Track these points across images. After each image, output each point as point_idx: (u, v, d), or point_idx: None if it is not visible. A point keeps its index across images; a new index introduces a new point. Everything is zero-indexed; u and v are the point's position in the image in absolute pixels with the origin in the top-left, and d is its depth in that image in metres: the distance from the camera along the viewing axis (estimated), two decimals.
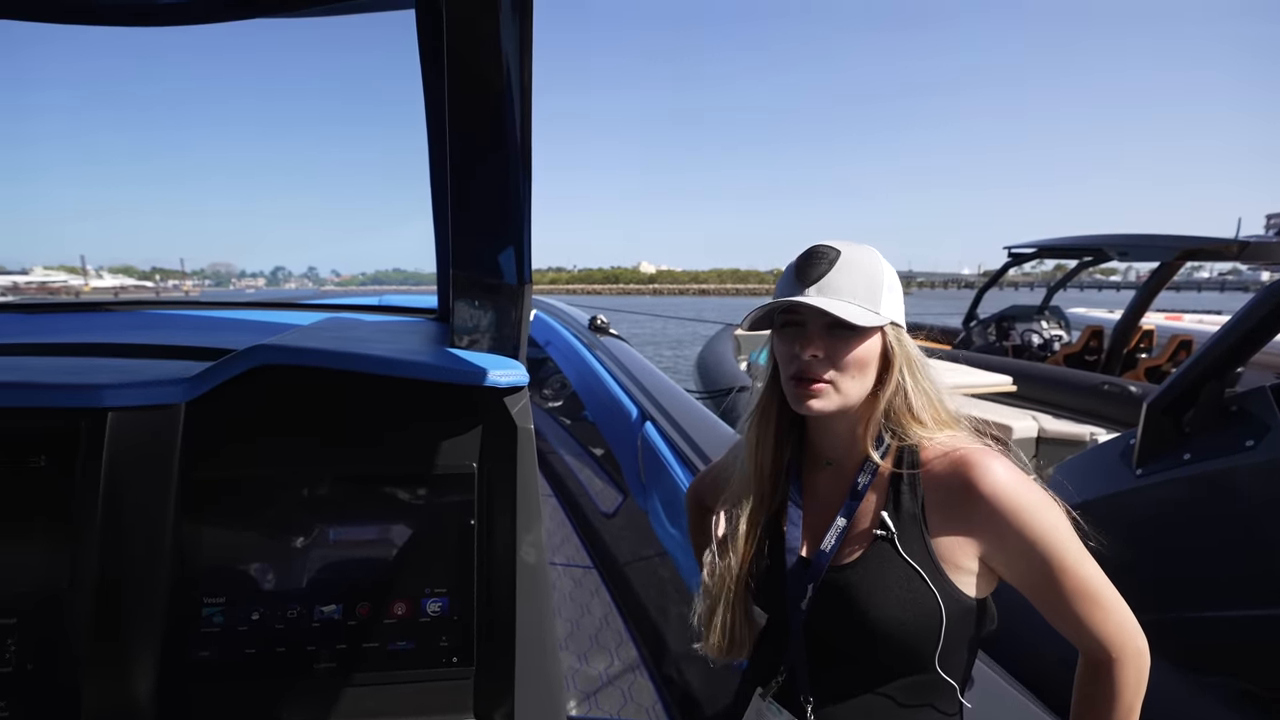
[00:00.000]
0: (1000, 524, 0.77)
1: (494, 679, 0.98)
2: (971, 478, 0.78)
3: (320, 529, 1.00)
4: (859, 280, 0.82)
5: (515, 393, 1.06)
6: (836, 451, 0.90)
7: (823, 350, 0.81)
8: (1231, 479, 1.94)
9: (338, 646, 0.97)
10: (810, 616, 0.84)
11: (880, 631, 0.78)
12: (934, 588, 0.78)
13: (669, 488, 2.37)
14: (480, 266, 1.23)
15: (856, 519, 0.85)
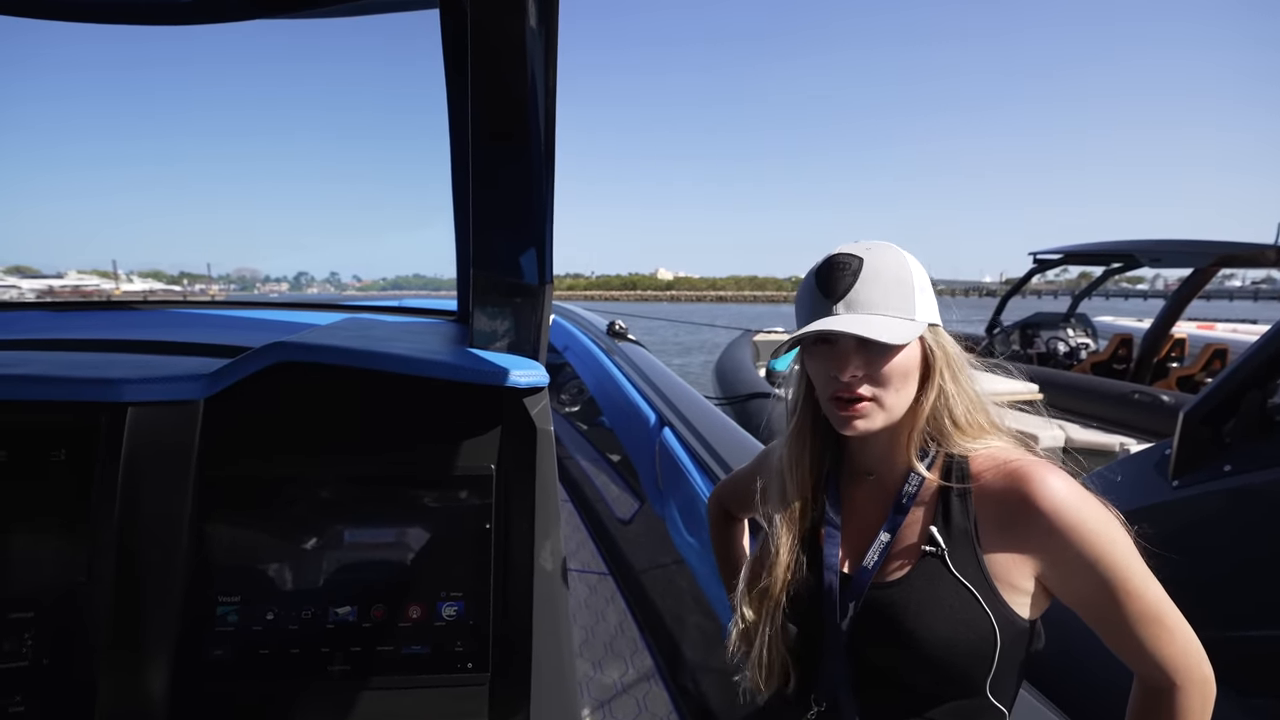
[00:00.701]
0: (1061, 542, 0.71)
1: (509, 686, 0.96)
2: (1029, 491, 0.72)
3: (336, 529, 0.98)
4: (889, 288, 0.76)
5: (535, 394, 1.04)
6: (878, 463, 0.84)
7: (861, 369, 0.76)
8: (1277, 491, 1.86)
9: (352, 649, 0.96)
10: (851, 637, 0.78)
11: (928, 654, 0.73)
12: (988, 608, 0.72)
13: (687, 495, 2.33)
14: (501, 267, 1.21)
15: (901, 534, 0.79)
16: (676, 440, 2.46)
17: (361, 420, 1.02)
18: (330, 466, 1.00)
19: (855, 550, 0.82)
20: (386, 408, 1.02)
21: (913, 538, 0.78)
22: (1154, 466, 2.25)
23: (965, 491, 0.77)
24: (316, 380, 1.01)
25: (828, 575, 0.81)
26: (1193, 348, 6.96)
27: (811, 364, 0.81)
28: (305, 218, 51.08)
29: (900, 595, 0.75)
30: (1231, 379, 2.04)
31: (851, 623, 0.78)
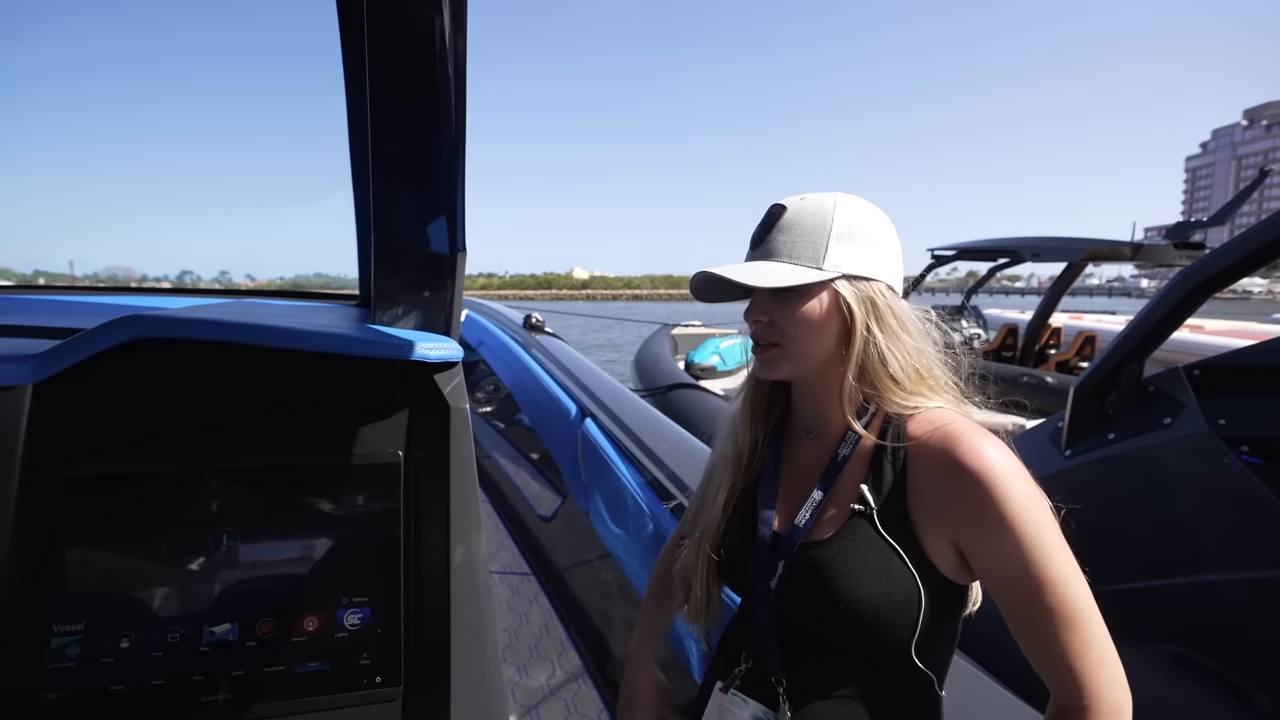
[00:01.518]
0: (986, 511, 0.68)
1: (426, 699, 0.85)
2: (961, 454, 0.70)
3: (210, 534, 0.84)
4: (798, 236, 0.76)
5: (448, 369, 0.93)
6: (817, 420, 0.84)
7: (766, 315, 0.78)
8: (1152, 455, 2.02)
9: (233, 673, 0.82)
10: (779, 596, 0.77)
11: (853, 613, 0.72)
12: (913, 569, 0.72)
13: (612, 485, 2.27)
14: (406, 234, 1.09)
15: (835, 493, 0.78)
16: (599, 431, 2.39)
17: (241, 407, 0.87)
18: (201, 461, 0.85)
19: (790, 508, 0.82)
20: (271, 392, 0.88)
21: (845, 497, 0.77)
22: (1048, 439, 2.40)
23: (899, 451, 0.76)
24: (183, 362, 0.86)
25: (761, 530, 0.81)
26: (1067, 336, 7.65)
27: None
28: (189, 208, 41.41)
29: (827, 554, 0.75)
30: (1113, 355, 2.20)
31: (780, 581, 0.77)
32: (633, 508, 2.05)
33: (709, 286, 0.83)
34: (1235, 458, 1.84)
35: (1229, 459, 1.84)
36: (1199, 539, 1.87)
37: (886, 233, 0.80)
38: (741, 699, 0.80)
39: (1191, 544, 1.87)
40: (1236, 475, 1.83)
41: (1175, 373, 2.07)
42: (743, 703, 0.80)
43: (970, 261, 8.16)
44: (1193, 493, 1.91)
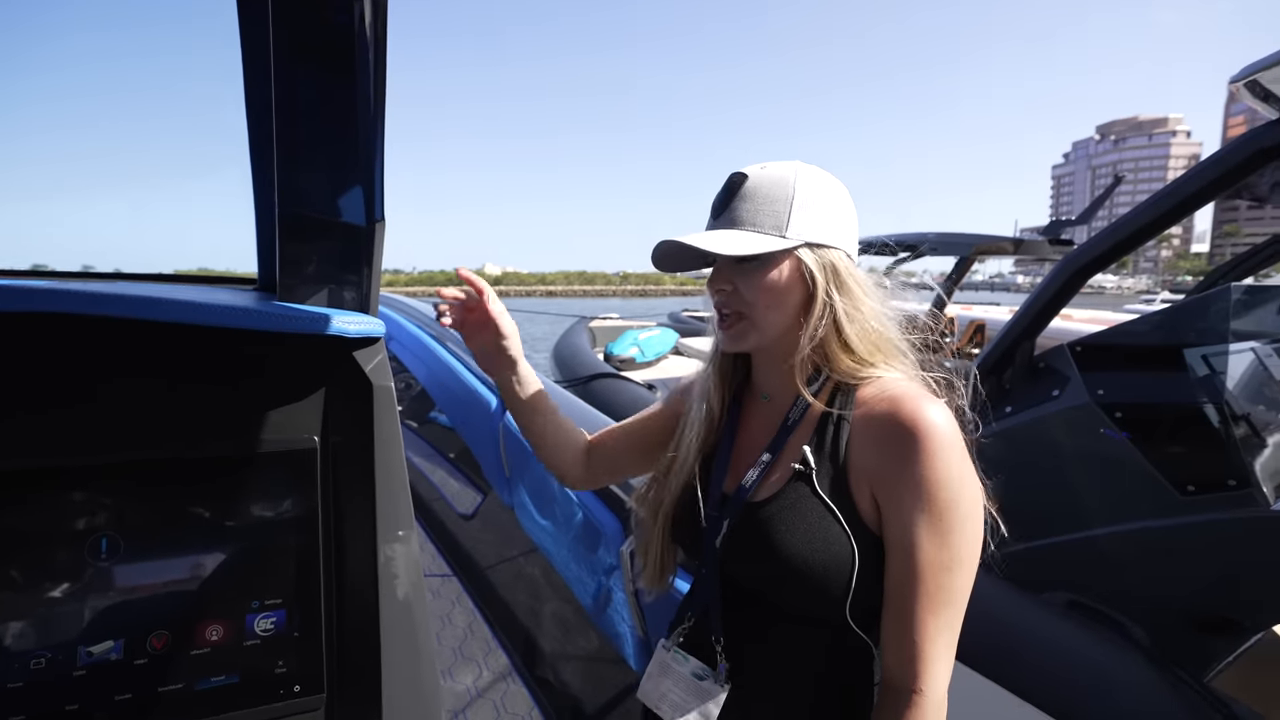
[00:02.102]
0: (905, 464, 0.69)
1: (353, 706, 0.77)
2: (901, 410, 0.72)
3: (85, 540, 0.72)
4: (761, 204, 0.76)
5: (369, 345, 0.85)
6: (773, 387, 0.86)
7: (730, 284, 0.78)
8: (1043, 425, 2.19)
9: (118, 697, 0.70)
10: (724, 553, 0.79)
11: (789, 570, 0.73)
12: (847, 529, 0.72)
13: (537, 476, 2.20)
14: (316, 202, 0.99)
15: (781, 455, 0.80)
16: None
17: (121, 393, 0.76)
18: (73, 456, 0.73)
19: (741, 470, 0.83)
20: (159, 375, 0.77)
21: (790, 459, 0.79)
22: None
23: (844, 417, 0.77)
24: (49, 343, 0.73)
25: (712, 491, 0.83)
26: (960, 325, 8.25)
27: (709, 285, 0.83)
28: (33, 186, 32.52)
29: (768, 513, 0.76)
30: (1008, 335, 2.37)
31: (724, 539, 0.79)
32: (560, 497, 1.99)
33: (670, 256, 0.83)
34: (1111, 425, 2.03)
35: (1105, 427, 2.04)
36: (1082, 499, 2.05)
37: (845, 201, 0.81)
38: (683, 656, 0.81)
39: (1077, 504, 2.05)
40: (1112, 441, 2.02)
41: (1061, 349, 2.26)
42: (683, 659, 0.80)
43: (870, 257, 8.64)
44: (1077, 458, 2.09)
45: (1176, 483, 1.90)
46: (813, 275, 0.77)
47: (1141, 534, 1.93)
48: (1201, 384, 1.99)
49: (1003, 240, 6.56)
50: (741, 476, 0.82)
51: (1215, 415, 1.92)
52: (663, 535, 0.88)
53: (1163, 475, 1.92)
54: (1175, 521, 1.86)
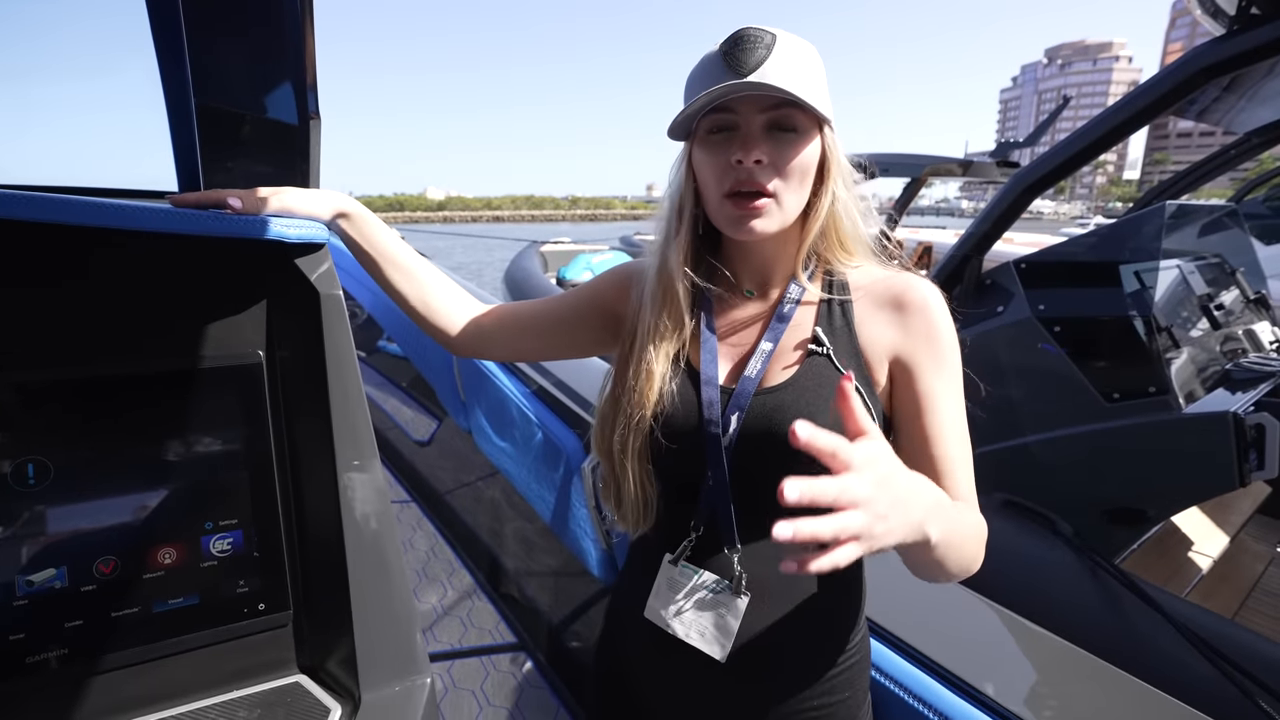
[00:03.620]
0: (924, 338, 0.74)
1: (322, 620, 0.76)
2: (910, 293, 0.76)
3: (15, 462, 0.67)
4: (804, 70, 0.69)
5: (312, 252, 0.79)
6: (759, 279, 0.82)
7: (766, 155, 0.70)
8: (987, 339, 2.28)
9: (68, 624, 0.67)
10: (735, 449, 0.74)
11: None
12: (868, 401, 0.74)
13: (494, 398, 2.18)
14: (238, 96, 0.89)
15: (783, 342, 0.77)
16: None
17: (38, 307, 0.69)
18: None
19: (735, 365, 0.79)
20: (80, 286, 0.70)
21: (795, 343, 0.77)
22: None
23: (846, 300, 0.78)
24: None
25: (706, 391, 0.76)
26: (908, 247, 8.42)
27: (705, 157, 0.73)
28: None
29: (789, 396, 0.74)
30: (958, 251, 2.42)
31: (734, 436, 0.74)
32: (519, 418, 1.99)
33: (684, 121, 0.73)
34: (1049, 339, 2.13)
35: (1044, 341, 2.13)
36: (1019, 408, 2.17)
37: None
38: (693, 569, 0.77)
39: (1014, 413, 2.18)
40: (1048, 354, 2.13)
41: (1006, 267, 2.33)
42: (694, 573, 0.77)
43: None
44: (1016, 370, 2.20)
45: (1104, 391, 2.02)
46: (829, 159, 0.75)
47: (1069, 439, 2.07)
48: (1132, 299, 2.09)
49: (952, 162, 6.63)
50: (739, 370, 0.77)
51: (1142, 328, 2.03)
52: (641, 465, 0.79)
53: (1092, 385, 2.04)
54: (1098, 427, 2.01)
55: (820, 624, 0.77)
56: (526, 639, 2.16)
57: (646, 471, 0.80)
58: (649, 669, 0.84)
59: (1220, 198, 4.14)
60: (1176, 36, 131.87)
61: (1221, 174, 3.60)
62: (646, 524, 0.83)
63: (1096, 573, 1.31)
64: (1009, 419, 2.17)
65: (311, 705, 0.72)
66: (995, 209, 2.33)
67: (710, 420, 0.75)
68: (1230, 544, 2.42)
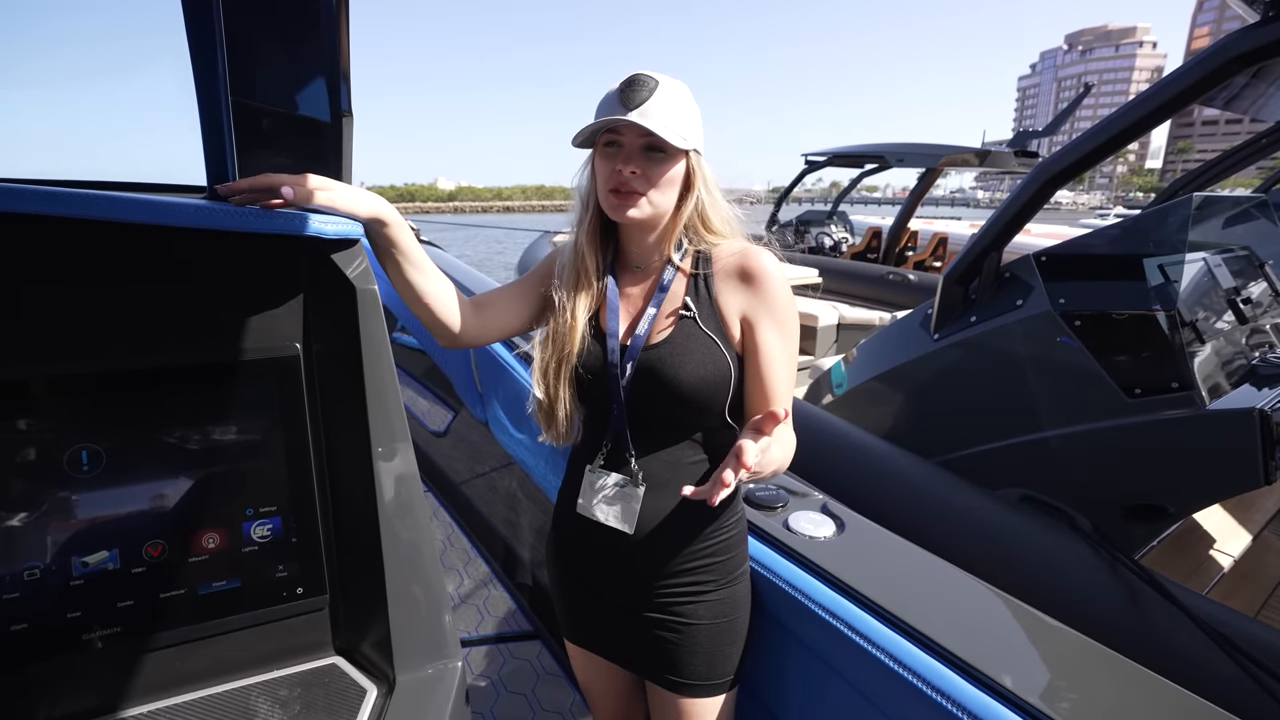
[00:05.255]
0: (764, 295, 0.98)
1: (358, 605, 0.79)
2: (752, 262, 0.99)
3: (66, 452, 0.69)
4: (675, 109, 0.93)
5: (348, 247, 0.81)
6: (645, 257, 1.05)
7: (640, 167, 0.94)
8: (1006, 333, 2.27)
9: (120, 604, 0.70)
10: (630, 387, 0.99)
11: (688, 390, 0.95)
12: (725, 352, 0.97)
13: (511, 390, 2.20)
14: (274, 95, 0.91)
15: (663, 308, 1.01)
16: None
17: (87, 301, 0.71)
18: (46, 366, 0.69)
19: (629, 325, 1.03)
20: (126, 282, 0.72)
21: (671, 309, 1.01)
22: (919, 324, 2.62)
23: (709, 274, 1.01)
24: (12, 247, 0.67)
25: (610, 342, 1.01)
26: (923, 239, 8.33)
27: (601, 163, 0.97)
28: None
29: (666, 350, 0.98)
30: (977, 245, 2.40)
31: (630, 378, 0.99)
32: None
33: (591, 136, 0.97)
34: (1069, 333, 2.11)
35: (1064, 335, 2.12)
36: (1038, 403, 2.16)
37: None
38: (605, 473, 1.03)
39: (1033, 408, 2.16)
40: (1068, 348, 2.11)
41: (1027, 260, 2.31)
42: (606, 474, 1.02)
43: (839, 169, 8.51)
44: (1035, 364, 2.19)
45: (1125, 386, 2.01)
46: (693, 174, 0.98)
47: (1089, 435, 2.06)
48: (1155, 293, 2.06)
49: (969, 152, 6.54)
50: (632, 329, 1.02)
51: (1165, 322, 2.01)
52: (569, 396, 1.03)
53: (1113, 379, 2.02)
54: (1119, 422, 1.99)
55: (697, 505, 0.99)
56: (542, 627, 2.19)
57: (572, 395, 1.04)
58: (582, 548, 1.09)
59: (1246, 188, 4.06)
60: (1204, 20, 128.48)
61: (1251, 164, 3.53)
62: (571, 437, 1.08)
63: (1116, 568, 1.31)
64: (1027, 414, 2.16)
65: (348, 686, 0.74)
66: (1016, 201, 2.30)
67: (613, 364, 0.99)
68: (1253, 542, 2.40)
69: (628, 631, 1.07)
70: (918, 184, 7.38)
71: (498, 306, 1.12)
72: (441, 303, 1.02)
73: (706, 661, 1.04)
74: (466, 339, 1.09)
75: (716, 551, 1.04)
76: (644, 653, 1.06)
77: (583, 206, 1.05)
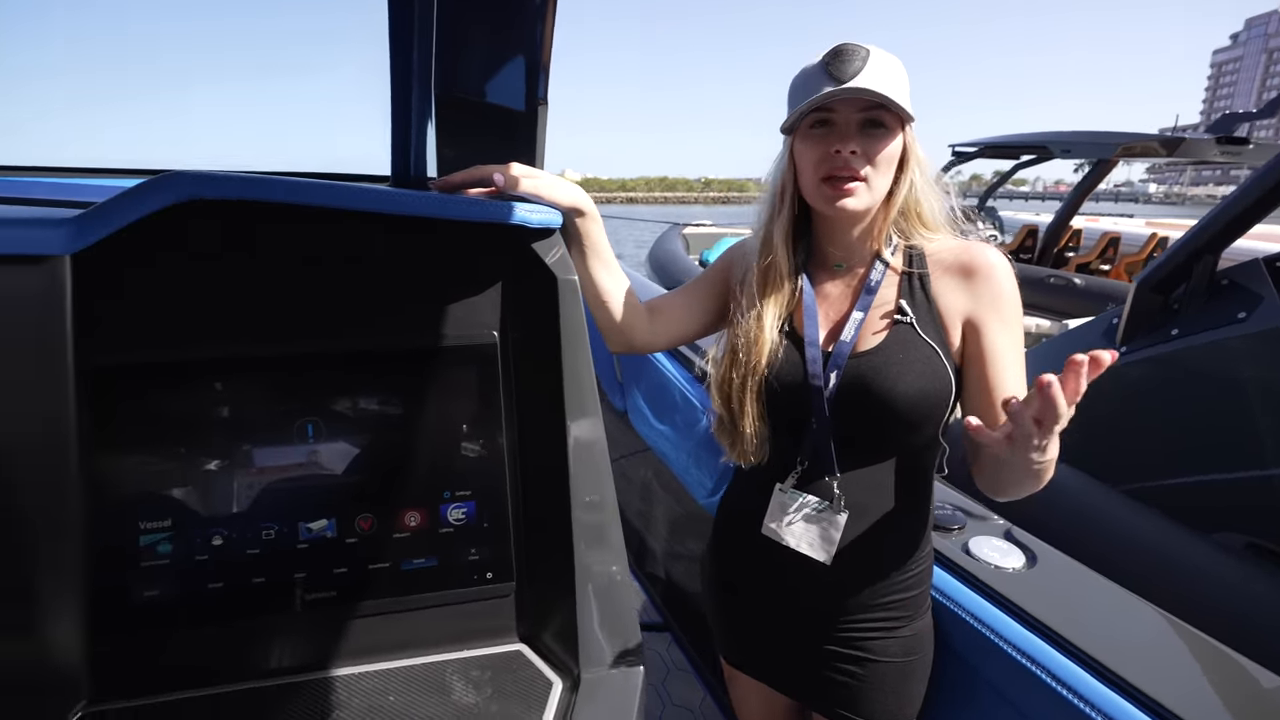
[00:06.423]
0: (991, 293, 0.88)
1: (544, 594, 0.79)
2: (977, 258, 0.89)
3: (294, 425, 0.75)
4: (892, 77, 0.83)
5: (547, 236, 0.81)
6: (847, 254, 0.96)
7: (859, 146, 0.84)
8: (1222, 350, 1.95)
9: (335, 570, 0.75)
10: (835, 400, 0.90)
11: (905, 404, 0.86)
12: (945, 362, 0.88)
13: (654, 381, 2.20)
14: (473, 84, 0.93)
15: (872, 312, 0.91)
16: None
17: (306, 283, 0.76)
18: (273, 344, 0.75)
19: (831, 330, 0.94)
20: (341, 266, 0.77)
21: (882, 312, 0.91)
22: (1101, 335, 2.33)
23: (924, 273, 0.91)
24: (238, 233, 0.73)
25: (810, 351, 0.91)
26: (1088, 238, 7.44)
27: (806, 147, 0.87)
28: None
29: (878, 360, 0.88)
30: (1185, 248, 2.08)
31: (835, 389, 0.89)
32: (682, 403, 1.99)
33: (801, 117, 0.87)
34: None
35: None
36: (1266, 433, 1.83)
37: None
38: (799, 493, 0.94)
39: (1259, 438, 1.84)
40: None
41: (1254, 264, 1.97)
42: (800, 496, 0.93)
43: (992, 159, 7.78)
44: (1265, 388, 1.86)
45: None
46: (909, 151, 0.89)
47: None
48: None
49: (1151, 140, 5.70)
50: (835, 334, 0.92)
51: None
52: (757, 406, 0.94)
53: None
54: None
55: (899, 534, 0.93)
56: (672, 620, 2.18)
57: (761, 409, 0.94)
58: (757, 571, 1.01)
59: None
60: None
61: None
62: (759, 457, 0.97)
63: None
64: (1251, 445, 1.84)
65: (535, 676, 0.75)
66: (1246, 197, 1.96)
67: (814, 375, 0.90)
68: None
69: (804, 664, 0.99)
70: (1086, 177, 6.57)
71: (671, 312, 1.06)
72: (622, 304, 0.99)
73: (895, 701, 0.95)
74: (638, 344, 1.05)
75: (910, 584, 0.95)
76: (823, 688, 0.98)
77: (776, 200, 0.96)
